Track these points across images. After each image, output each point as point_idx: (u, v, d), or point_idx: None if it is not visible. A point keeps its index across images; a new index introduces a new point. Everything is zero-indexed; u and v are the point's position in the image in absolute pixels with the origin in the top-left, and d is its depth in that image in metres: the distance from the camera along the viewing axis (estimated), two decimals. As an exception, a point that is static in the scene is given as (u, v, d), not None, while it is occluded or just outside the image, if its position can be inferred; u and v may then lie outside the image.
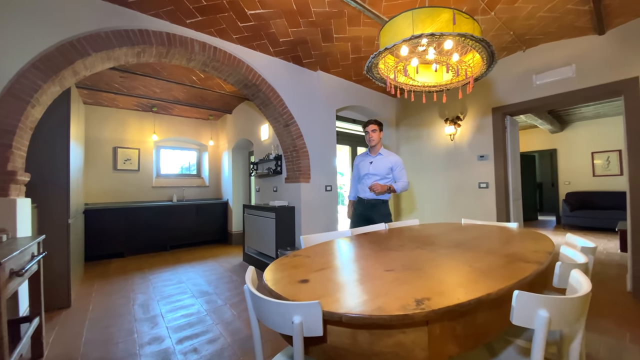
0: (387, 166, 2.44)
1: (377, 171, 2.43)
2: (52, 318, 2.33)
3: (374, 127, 2.47)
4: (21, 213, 1.84)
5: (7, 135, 1.77)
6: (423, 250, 1.34)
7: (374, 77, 1.71)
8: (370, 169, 2.46)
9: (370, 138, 2.47)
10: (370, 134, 2.47)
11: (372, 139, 2.47)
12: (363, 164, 2.54)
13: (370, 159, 2.52)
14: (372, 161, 2.49)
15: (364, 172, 2.50)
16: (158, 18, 2.38)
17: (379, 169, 2.44)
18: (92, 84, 4.11)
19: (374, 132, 2.47)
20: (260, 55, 3.00)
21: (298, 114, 3.26)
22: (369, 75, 1.67)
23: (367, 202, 2.45)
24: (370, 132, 2.47)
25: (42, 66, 1.90)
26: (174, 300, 2.69)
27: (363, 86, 4.01)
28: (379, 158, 2.48)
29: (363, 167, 2.53)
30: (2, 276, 1.17)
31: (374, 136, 2.46)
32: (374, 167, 2.46)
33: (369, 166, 2.48)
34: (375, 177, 2.43)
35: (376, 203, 2.44)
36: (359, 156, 2.66)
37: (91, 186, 4.91)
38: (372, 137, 2.47)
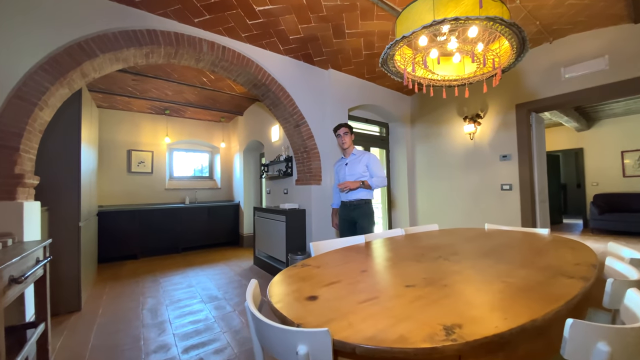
0: (361, 164, 2.42)
1: (353, 172, 2.43)
2: (62, 322, 2.31)
3: (345, 129, 2.47)
4: (28, 216, 1.82)
5: (14, 138, 1.75)
6: (446, 262, 1.19)
7: (390, 71, 1.58)
8: (346, 172, 2.46)
9: (342, 141, 2.48)
10: (342, 137, 2.47)
11: (345, 142, 2.47)
12: (340, 168, 2.55)
13: (345, 161, 2.52)
14: (347, 163, 2.49)
15: (342, 175, 2.51)
16: (166, 18, 2.34)
17: (354, 169, 2.43)
18: (106, 87, 4.16)
19: (346, 135, 2.46)
20: (270, 54, 2.92)
21: (309, 114, 3.16)
22: (384, 69, 1.55)
23: (350, 204, 2.43)
24: (343, 135, 2.47)
25: (49, 68, 1.88)
26: (183, 305, 2.63)
27: (376, 84, 3.86)
28: (352, 159, 2.48)
29: (340, 171, 2.54)
30: (0, 284, 1.12)
31: (346, 139, 2.47)
32: (349, 168, 2.45)
33: (344, 168, 2.49)
34: (351, 178, 2.42)
35: (359, 204, 2.40)
36: (336, 162, 2.65)
37: (106, 188, 4.99)
38: (344, 140, 2.47)
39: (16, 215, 1.73)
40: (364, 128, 4.14)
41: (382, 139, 4.38)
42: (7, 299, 1.21)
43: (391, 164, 4.46)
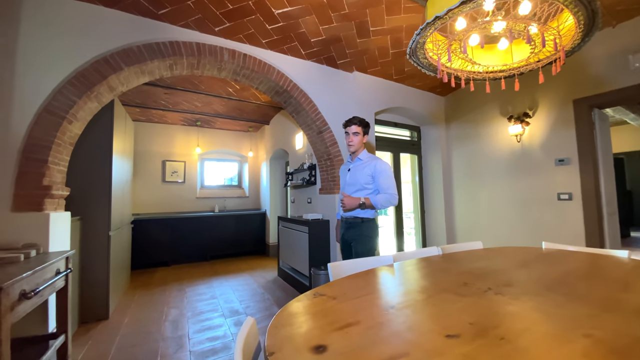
0: (366, 173, 1.88)
1: (355, 180, 1.90)
2: (89, 330, 2.35)
3: (356, 128, 1.91)
4: (55, 227, 1.85)
5: (43, 151, 1.81)
6: (499, 297, 0.93)
7: (420, 63, 1.37)
8: (347, 179, 1.96)
9: (349, 141, 1.93)
10: (350, 137, 1.92)
11: (352, 144, 1.92)
12: (342, 173, 2.06)
13: (348, 166, 2.01)
14: (350, 168, 1.98)
15: (342, 183, 2.03)
16: (187, 28, 2.34)
17: (357, 177, 1.90)
18: (141, 101, 4.39)
19: (356, 136, 1.91)
20: (291, 59, 2.83)
21: (332, 120, 3.00)
22: (412, 61, 1.34)
23: (346, 221, 1.93)
24: (351, 135, 1.92)
25: (77, 82, 1.94)
26: (204, 319, 2.56)
27: (405, 85, 3.60)
28: (357, 165, 1.94)
29: (342, 176, 2.05)
30: (6, 300, 1.08)
31: (355, 140, 1.91)
32: (351, 176, 1.94)
33: (346, 175, 1.98)
34: (352, 188, 1.91)
35: (354, 222, 1.87)
36: (342, 166, 2.15)
37: (142, 197, 5.25)
38: (351, 140, 1.92)
39: (42, 226, 1.76)
40: (393, 133, 3.88)
41: (413, 143, 4.07)
42: (17, 315, 1.18)
43: (424, 170, 4.12)
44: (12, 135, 1.72)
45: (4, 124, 1.71)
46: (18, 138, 1.74)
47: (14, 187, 1.72)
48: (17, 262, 1.44)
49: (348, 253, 1.96)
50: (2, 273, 1.21)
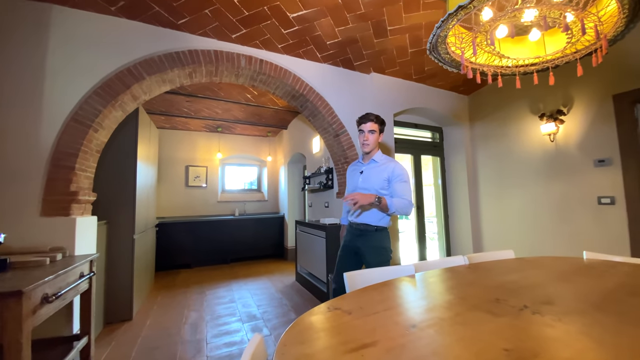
0: (382, 177, 1.69)
1: (368, 184, 1.71)
2: (113, 331, 2.42)
3: (372, 125, 1.70)
4: (81, 231, 1.93)
5: (70, 158, 1.89)
6: (537, 316, 0.82)
7: (442, 60, 1.28)
8: (359, 182, 1.75)
9: (365, 140, 1.72)
10: (365, 135, 1.72)
11: (367, 142, 1.72)
12: (353, 175, 1.84)
13: (361, 167, 1.81)
14: (362, 170, 1.78)
15: (352, 186, 1.81)
16: (205, 37, 2.39)
17: (371, 180, 1.71)
18: (165, 109, 4.57)
19: (372, 134, 1.71)
20: (307, 63, 2.81)
21: (349, 123, 2.94)
22: (433, 57, 1.25)
23: (356, 228, 1.74)
24: (367, 133, 1.71)
25: (102, 92, 2.03)
26: (222, 323, 2.57)
27: (426, 85, 3.47)
28: (373, 166, 1.75)
29: (352, 179, 1.83)
30: (27, 305, 1.11)
31: (370, 138, 1.71)
32: (364, 178, 1.74)
33: (358, 177, 1.78)
34: (364, 192, 1.69)
35: (366, 230, 1.69)
36: (351, 165, 1.93)
37: (166, 201, 5.44)
38: (367, 139, 1.71)
39: (69, 230, 1.84)
40: (413, 134, 3.74)
41: (434, 145, 3.91)
42: (39, 318, 1.22)
43: (447, 173, 3.94)
44: (42, 143, 1.82)
45: (35, 133, 1.81)
46: (47, 146, 1.83)
47: (43, 193, 1.81)
48: (43, 265, 1.50)
49: (352, 263, 1.75)
50: (27, 277, 1.25)
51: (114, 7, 2.01)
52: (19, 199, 1.75)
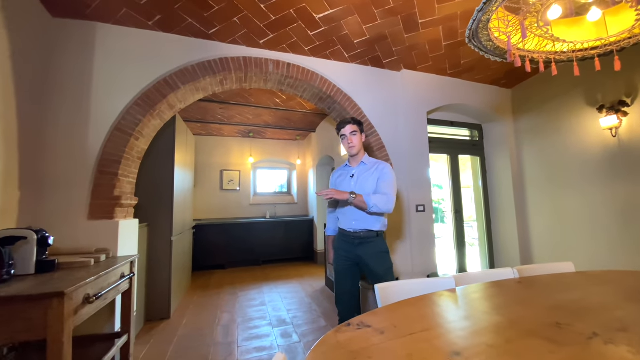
0: (374, 178, 1.67)
1: (363, 188, 1.66)
2: (153, 328, 2.55)
3: (352, 127, 1.70)
4: (124, 233, 2.06)
5: (114, 165, 2.03)
6: (611, 347, 0.67)
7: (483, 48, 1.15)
8: (351, 187, 1.69)
9: (349, 144, 1.71)
10: (348, 138, 1.70)
11: (353, 145, 1.70)
12: (342, 180, 1.77)
13: (350, 171, 1.75)
14: (353, 174, 1.73)
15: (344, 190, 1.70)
16: (235, 44, 2.45)
17: (365, 184, 1.67)
18: (201, 117, 4.81)
19: (354, 135, 1.70)
20: (335, 64, 2.75)
21: (379, 123, 2.82)
22: (473, 46, 1.12)
23: (354, 236, 1.64)
24: (349, 136, 1.70)
25: (142, 103, 2.15)
26: (252, 327, 2.59)
27: (462, 79, 3.23)
28: (362, 169, 1.72)
29: (341, 184, 1.75)
30: (69, 305, 1.18)
31: (354, 140, 1.70)
32: (356, 182, 1.69)
33: (350, 182, 1.71)
34: None
35: (368, 237, 1.62)
36: (337, 171, 1.87)
37: (202, 204, 5.72)
38: (351, 141, 1.70)
39: (112, 233, 1.96)
40: (449, 133, 3.50)
41: (473, 144, 3.62)
42: (80, 318, 1.29)
43: (489, 173, 3.62)
44: (89, 152, 1.98)
45: (83, 142, 1.97)
46: (94, 154, 1.99)
47: (90, 198, 1.96)
48: (88, 266, 1.60)
49: (354, 276, 1.68)
50: (71, 277, 1.34)
51: (151, 21, 2.13)
52: (69, 203, 1.91)
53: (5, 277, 1.29)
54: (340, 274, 1.67)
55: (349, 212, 1.66)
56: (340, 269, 1.68)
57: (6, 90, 1.62)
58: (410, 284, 1.27)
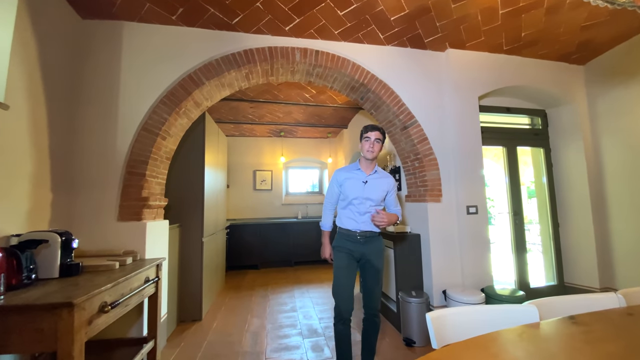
0: (383, 189, 1.81)
1: (372, 195, 1.78)
2: (184, 331, 2.51)
3: (379, 135, 1.78)
4: (152, 235, 2.01)
5: (141, 166, 1.99)
6: None
7: None
8: (364, 192, 1.78)
9: (371, 149, 1.78)
10: (372, 144, 1.78)
11: (373, 151, 1.78)
12: (352, 183, 1.81)
13: (362, 176, 1.82)
14: (366, 180, 1.80)
15: (354, 194, 1.78)
16: (259, 34, 2.30)
17: (375, 192, 1.79)
18: (233, 118, 4.82)
19: (377, 142, 1.78)
20: (368, 48, 2.47)
21: (420, 111, 2.48)
22: None
23: (361, 236, 1.76)
24: (373, 141, 1.78)
25: (167, 101, 2.09)
26: (282, 335, 2.42)
27: (522, 56, 2.73)
28: (375, 177, 1.83)
29: (352, 187, 1.80)
30: (81, 316, 1.09)
31: (376, 147, 1.78)
32: (368, 188, 1.78)
33: (362, 187, 1.79)
34: (368, 202, 1.77)
35: (372, 237, 1.79)
36: (343, 170, 1.90)
37: (236, 204, 5.78)
38: (373, 147, 1.78)
39: (140, 234, 1.92)
40: (505, 121, 3.01)
41: (535, 133, 3.07)
42: (96, 327, 1.20)
43: (556, 167, 3.05)
44: (118, 152, 1.95)
45: (112, 143, 1.95)
46: (122, 155, 1.96)
47: (119, 199, 1.93)
48: (113, 269, 1.54)
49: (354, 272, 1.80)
50: (91, 283, 1.26)
51: (174, 15, 2.06)
52: (99, 204, 1.90)
53: (26, 281, 1.25)
54: (344, 269, 1.76)
55: (358, 215, 1.78)
56: (343, 264, 1.77)
57: (37, 94, 1.63)
58: (471, 312, 0.97)
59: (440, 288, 2.31)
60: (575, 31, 2.44)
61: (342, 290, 1.72)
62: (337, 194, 1.88)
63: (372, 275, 1.76)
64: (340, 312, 1.72)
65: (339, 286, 1.73)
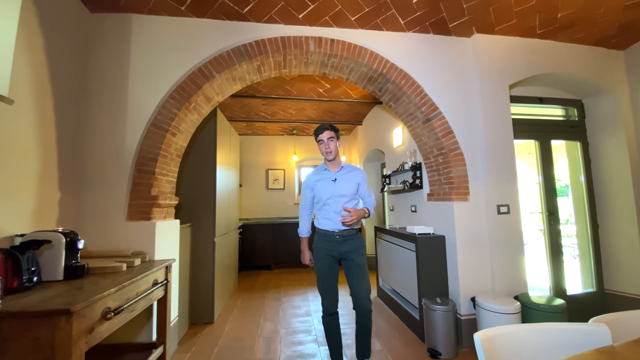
0: (353, 182, 1.87)
1: (344, 191, 1.83)
2: (196, 334, 2.43)
3: (329, 134, 1.83)
4: (162, 235, 1.93)
5: (151, 163, 1.91)
6: None
7: None
8: (334, 190, 1.84)
9: (327, 149, 1.84)
10: (326, 143, 1.83)
11: (330, 150, 1.83)
12: (323, 184, 1.87)
13: (331, 175, 1.88)
14: (335, 178, 1.86)
15: (327, 194, 1.84)
16: (271, 23, 2.18)
17: (346, 187, 1.84)
18: (246, 115, 4.75)
19: (331, 141, 1.83)
20: (387, 35, 2.31)
21: (444, 102, 2.30)
22: None
23: (339, 235, 1.81)
24: (327, 141, 1.83)
25: (177, 95, 2.01)
26: (296, 342, 2.30)
27: (556, 41, 2.49)
28: (343, 173, 1.88)
29: (323, 187, 1.87)
30: (80, 324, 1.00)
31: (331, 146, 1.83)
32: (338, 185, 1.84)
33: (332, 185, 1.85)
34: (342, 198, 1.83)
35: (350, 235, 1.83)
36: (312, 174, 1.97)
37: (249, 203, 5.73)
38: (329, 147, 1.83)
39: (149, 235, 1.84)
40: (537, 113, 2.76)
41: (571, 125, 2.81)
42: (98, 335, 1.10)
43: (595, 163, 2.78)
44: (127, 149, 1.88)
45: (121, 140, 1.89)
46: (131, 152, 1.89)
47: (129, 198, 1.86)
48: (119, 271, 1.46)
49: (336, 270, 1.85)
50: (91, 288, 1.18)
51: (183, 6, 1.97)
52: (109, 203, 1.84)
53: (27, 284, 1.17)
54: (325, 271, 1.81)
55: (334, 214, 1.81)
56: (324, 267, 1.82)
57: (43, 89, 1.57)
58: (527, 331, 0.80)
59: (468, 295, 2.12)
60: (617, 11, 2.19)
61: (326, 290, 1.81)
62: (310, 198, 1.94)
63: (355, 272, 1.80)
64: (326, 308, 1.80)
65: (322, 288, 1.82)
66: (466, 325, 2.10)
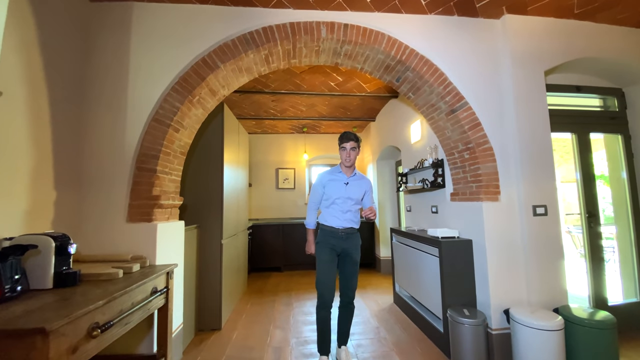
0: (362, 189, 2.06)
1: (353, 195, 2.03)
2: (202, 341, 2.30)
3: (353, 144, 2.01)
4: (164, 238, 1.80)
5: (152, 160, 1.78)
6: None
7: None
8: (346, 192, 2.02)
9: (348, 157, 2.02)
10: (348, 153, 2.02)
11: (350, 159, 2.03)
12: (335, 185, 2.04)
13: (344, 178, 2.06)
14: (347, 182, 2.05)
15: (337, 194, 2.02)
16: (280, 7, 2.02)
17: (355, 192, 2.03)
18: (255, 113, 4.63)
19: (353, 151, 2.02)
20: (407, 18, 2.11)
21: (471, 91, 2.08)
22: None
23: (343, 233, 1.99)
24: (349, 150, 2.02)
25: (179, 88, 1.88)
26: (308, 354, 2.14)
27: (595, 22, 2.23)
28: (355, 179, 2.08)
29: (335, 188, 2.03)
30: (59, 344, 0.86)
31: (352, 155, 2.03)
32: (350, 189, 2.03)
33: (343, 188, 2.03)
34: (350, 201, 2.01)
35: (352, 233, 2.03)
36: (326, 173, 2.13)
37: (259, 203, 5.61)
38: (349, 156, 2.02)
39: (150, 238, 1.71)
40: (574, 103, 2.50)
41: (612, 117, 2.53)
42: (86, 354, 0.97)
43: (637, 159, 2.49)
44: (127, 145, 1.76)
45: (121, 135, 1.76)
46: (131, 148, 1.77)
47: (129, 198, 1.74)
48: (115, 279, 1.33)
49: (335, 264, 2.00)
50: (80, 299, 1.04)
51: (185, -9, 1.83)
52: (108, 203, 1.72)
53: (9, 294, 1.05)
54: (327, 262, 1.97)
55: (341, 213, 1.99)
56: (327, 258, 1.98)
57: (37, 81, 1.46)
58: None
59: (500, 306, 1.89)
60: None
61: (326, 282, 1.92)
62: (320, 194, 2.10)
63: (351, 266, 1.99)
64: (324, 301, 1.93)
65: (324, 278, 1.93)
66: (498, 341, 1.88)
